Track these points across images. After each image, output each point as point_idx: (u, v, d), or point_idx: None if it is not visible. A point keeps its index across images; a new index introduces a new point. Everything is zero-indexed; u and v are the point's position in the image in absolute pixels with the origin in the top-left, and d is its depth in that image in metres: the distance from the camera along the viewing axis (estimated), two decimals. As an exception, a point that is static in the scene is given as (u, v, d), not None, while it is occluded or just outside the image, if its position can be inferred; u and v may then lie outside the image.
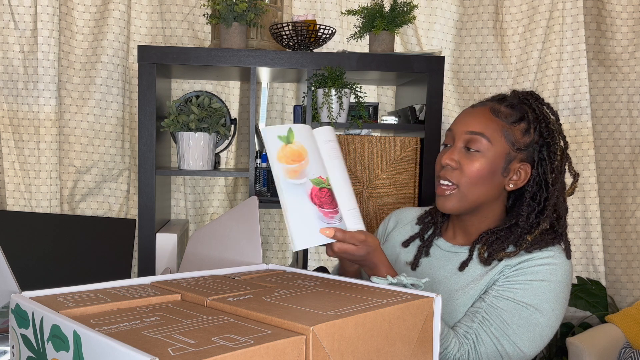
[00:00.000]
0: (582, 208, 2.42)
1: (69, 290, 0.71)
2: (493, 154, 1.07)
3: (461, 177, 1.08)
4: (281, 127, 0.93)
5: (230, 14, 1.79)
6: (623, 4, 2.42)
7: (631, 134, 2.46)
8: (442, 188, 1.10)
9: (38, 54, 2.13)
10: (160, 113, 1.95)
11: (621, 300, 2.49)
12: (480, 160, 1.07)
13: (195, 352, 0.48)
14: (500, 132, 1.07)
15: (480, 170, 1.07)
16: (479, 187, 1.08)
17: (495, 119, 1.08)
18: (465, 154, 1.08)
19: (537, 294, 1.02)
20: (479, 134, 1.07)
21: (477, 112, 1.11)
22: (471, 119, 1.10)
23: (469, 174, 1.07)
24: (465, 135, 1.09)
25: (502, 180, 1.09)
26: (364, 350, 0.59)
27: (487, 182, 1.08)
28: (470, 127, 1.09)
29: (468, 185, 1.08)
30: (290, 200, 0.92)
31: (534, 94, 1.14)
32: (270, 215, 2.39)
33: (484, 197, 1.09)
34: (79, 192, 2.25)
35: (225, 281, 0.78)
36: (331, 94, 1.82)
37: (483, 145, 1.07)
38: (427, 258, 1.18)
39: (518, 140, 1.08)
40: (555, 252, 1.06)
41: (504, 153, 1.07)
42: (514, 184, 1.10)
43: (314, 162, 0.95)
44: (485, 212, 1.13)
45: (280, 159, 0.92)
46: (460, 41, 2.43)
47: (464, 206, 1.10)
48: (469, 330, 1.03)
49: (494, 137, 1.07)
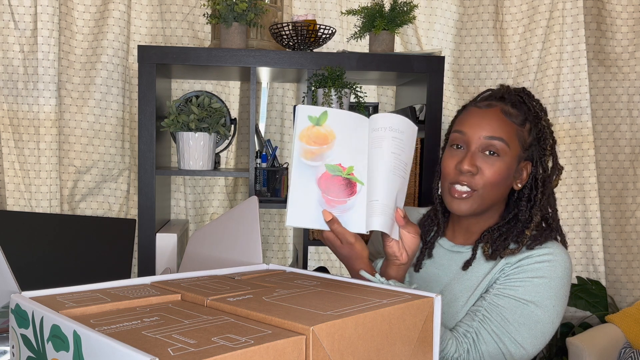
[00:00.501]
0: (582, 208, 2.42)
1: (69, 290, 0.71)
2: (510, 158, 1.08)
3: (480, 181, 1.07)
4: (316, 109, 0.93)
5: (230, 14, 1.79)
6: (623, 4, 2.42)
7: (631, 134, 2.46)
8: (459, 191, 1.09)
9: (38, 54, 2.13)
10: (160, 113, 1.95)
11: (621, 300, 2.49)
12: (499, 164, 1.07)
13: (195, 352, 0.48)
14: (514, 135, 1.08)
15: (500, 175, 1.07)
16: (495, 190, 1.08)
17: (509, 122, 1.08)
18: (483, 158, 1.08)
19: (537, 291, 1.03)
20: (499, 139, 1.07)
21: (490, 115, 1.09)
22: (487, 123, 1.08)
23: (489, 178, 1.07)
24: (484, 141, 1.08)
25: (512, 180, 1.11)
26: (364, 350, 0.59)
27: (502, 185, 1.09)
28: (489, 132, 1.07)
29: (486, 188, 1.08)
30: (297, 178, 0.92)
31: (526, 90, 1.15)
32: (270, 215, 2.39)
33: (498, 199, 1.11)
34: (79, 192, 2.25)
35: (225, 281, 0.78)
36: (331, 94, 1.82)
37: (502, 150, 1.07)
38: (430, 259, 1.18)
39: (526, 140, 1.10)
40: (554, 248, 1.07)
41: (517, 154, 1.09)
42: (521, 183, 1.12)
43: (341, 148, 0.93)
44: (491, 212, 1.14)
45: (302, 138, 0.92)
46: (460, 41, 2.43)
47: (480, 208, 1.10)
48: (469, 329, 1.03)
49: (511, 141, 1.08)
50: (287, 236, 2.42)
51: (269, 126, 2.35)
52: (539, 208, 1.10)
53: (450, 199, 1.11)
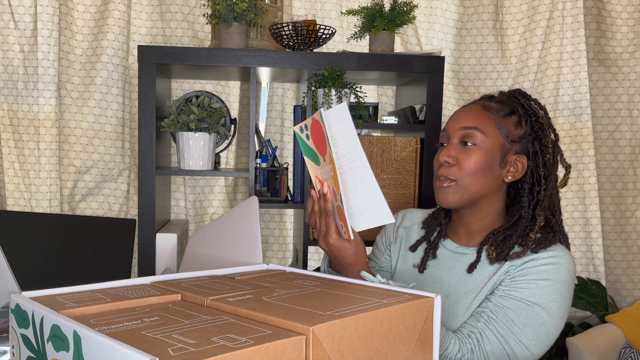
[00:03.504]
0: (582, 208, 2.42)
1: (69, 290, 0.71)
2: (489, 146, 1.09)
3: (459, 171, 1.09)
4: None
5: (230, 14, 1.79)
6: (623, 4, 2.42)
7: (631, 134, 2.46)
8: (441, 183, 1.12)
9: (38, 54, 2.13)
10: (160, 113, 1.95)
11: (621, 300, 2.49)
12: (476, 153, 1.09)
13: (195, 352, 0.48)
14: (493, 125, 1.10)
15: (478, 163, 1.08)
16: (477, 180, 1.09)
17: (486, 114, 1.11)
18: (461, 149, 1.10)
19: (542, 293, 1.03)
20: (473, 128, 1.09)
21: (468, 109, 1.13)
22: (463, 116, 1.12)
23: (467, 167, 1.09)
24: (459, 132, 1.11)
25: (500, 172, 1.11)
26: (364, 350, 0.59)
27: (485, 175, 1.09)
28: (464, 123, 1.11)
29: (467, 178, 1.09)
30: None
31: (520, 91, 1.16)
32: (270, 215, 2.39)
33: (483, 190, 1.11)
34: (79, 192, 2.25)
35: (225, 281, 0.78)
36: (331, 94, 1.82)
37: (478, 139, 1.09)
38: (434, 260, 1.18)
39: (511, 132, 1.10)
40: (559, 251, 1.08)
41: (499, 145, 1.09)
42: (512, 176, 1.12)
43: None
44: (485, 207, 1.13)
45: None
46: (460, 41, 2.43)
47: (465, 199, 1.11)
48: (473, 330, 1.03)
49: (487, 130, 1.09)
50: (287, 236, 2.42)
51: (269, 126, 2.35)
52: (542, 208, 1.10)
53: (435, 192, 1.14)
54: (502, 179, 1.12)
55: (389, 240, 1.29)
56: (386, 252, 1.29)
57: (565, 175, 1.15)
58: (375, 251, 1.33)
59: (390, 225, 1.32)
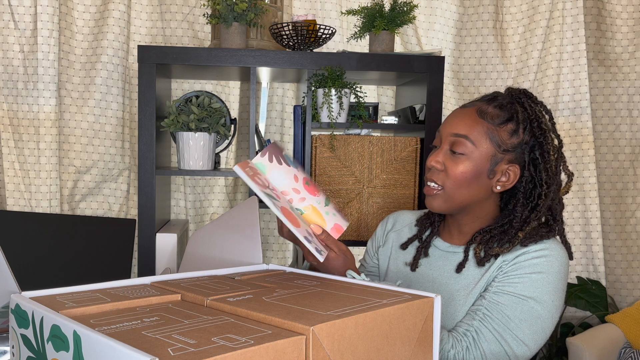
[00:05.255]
0: (582, 208, 2.42)
1: (69, 290, 0.71)
2: (477, 157, 1.07)
3: (446, 179, 1.09)
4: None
5: (230, 14, 1.79)
6: (623, 4, 2.42)
7: (631, 134, 2.46)
8: (429, 188, 1.11)
9: (38, 54, 2.13)
10: (160, 113, 1.95)
11: (621, 300, 2.49)
12: (464, 163, 1.07)
13: (195, 352, 0.48)
14: (484, 135, 1.07)
15: (464, 173, 1.07)
16: (463, 189, 1.08)
17: (480, 121, 1.08)
18: (450, 156, 1.09)
19: (536, 287, 1.03)
20: (463, 136, 1.08)
21: (463, 114, 1.11)
22: (457, 121, 1.10)
23: (453, 176, 1.08)
24: (450, 138, 1.10)
25: (489, 182, 1.09)
26: (364, 350, 0.59)
27: (472, 184, 1.08)
28: (455, 129, 1.09)
29: (453, 187, 1.08)
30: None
31: (527, 92, 1.13)
32: (270, 215, 2.39)
33: (470, 199, 1.10)
34: (79, 192, 2.25)
35: (225, 281, 0.78)
36: (331, 94, 1.82)
37: (467, 148, 1.07)
38: (426, 258, 1.18)
39: (505, 141, 1.07)
40: (550, 244, 1.07)
41: (489, 155, 1.07)
42: (501, 186, 1.09)
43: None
44: (476, 211, 1.13)
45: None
46: (460, 41, 2.43)
47: (451, 206, 1.11)
48: (469, 328, 1.03)
49: (478, 140, 1.07)
50: (287, 236, 2.42)
51: (269, 126, 2.35)
52: (538, 215, 1.08)
53: (425, 196, 1.14)
54: (492, 188, 1.10)
55: (378, 244, 1.30)
56: (375, 256, 1.30)
57: (568, 183, 1.13)
58: (365, 255, 1.34)
59: (380, 230, 1.33)
